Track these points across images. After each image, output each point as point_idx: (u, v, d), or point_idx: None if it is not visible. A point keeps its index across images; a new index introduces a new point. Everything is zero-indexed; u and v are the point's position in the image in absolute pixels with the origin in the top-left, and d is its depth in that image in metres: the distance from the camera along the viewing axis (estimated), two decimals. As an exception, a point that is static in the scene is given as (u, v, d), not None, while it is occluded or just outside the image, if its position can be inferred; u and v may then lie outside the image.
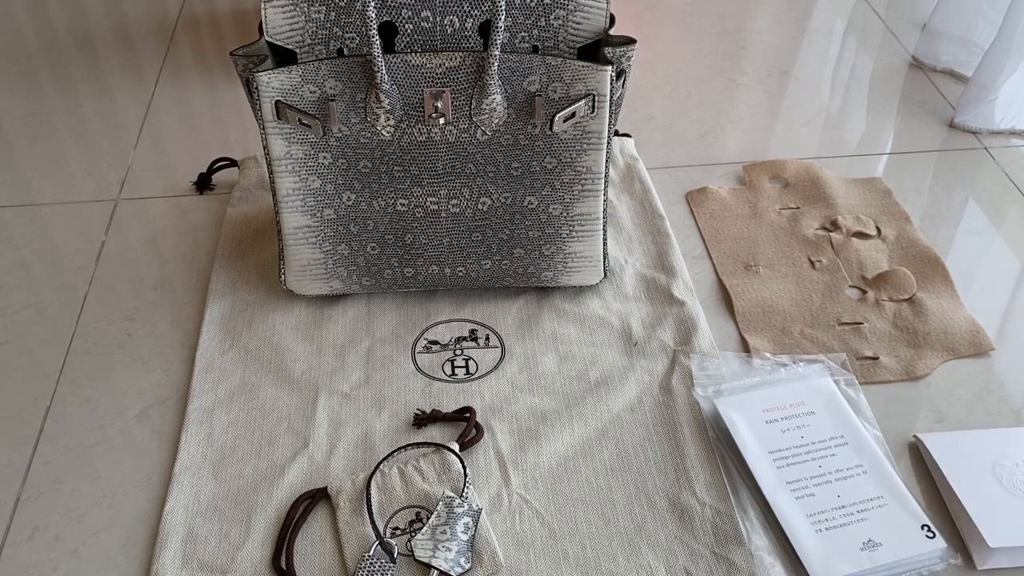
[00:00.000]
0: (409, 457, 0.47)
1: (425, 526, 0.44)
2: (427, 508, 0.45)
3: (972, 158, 0.76)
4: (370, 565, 0.42)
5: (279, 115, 0.52)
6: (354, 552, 0.45)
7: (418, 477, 0.46)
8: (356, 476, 0.47)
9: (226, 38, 0.91)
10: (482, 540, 0.45)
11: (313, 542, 0.46)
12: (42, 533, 0.48)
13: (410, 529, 0.45)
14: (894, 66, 0.87)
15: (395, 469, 0.47)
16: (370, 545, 0.44)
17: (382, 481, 0.47)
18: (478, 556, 0.45)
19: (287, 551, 0.43)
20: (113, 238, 0.67)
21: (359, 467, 0.49)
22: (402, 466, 0.47)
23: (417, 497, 0.46)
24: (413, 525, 0.45)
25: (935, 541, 0.46)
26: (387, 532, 0.41)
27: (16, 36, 0.91)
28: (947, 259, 0.65)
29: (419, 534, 0.44)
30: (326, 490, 0.46)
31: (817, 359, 0.57)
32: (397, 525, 0.44)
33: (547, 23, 0.52)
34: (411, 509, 0.45)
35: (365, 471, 0.47)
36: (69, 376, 0.57)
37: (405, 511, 0.45)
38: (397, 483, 0.47)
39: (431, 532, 0.44)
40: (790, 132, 0.79)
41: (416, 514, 0.44)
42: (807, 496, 0.48)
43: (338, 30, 0.52)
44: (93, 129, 0.79)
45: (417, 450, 0.47)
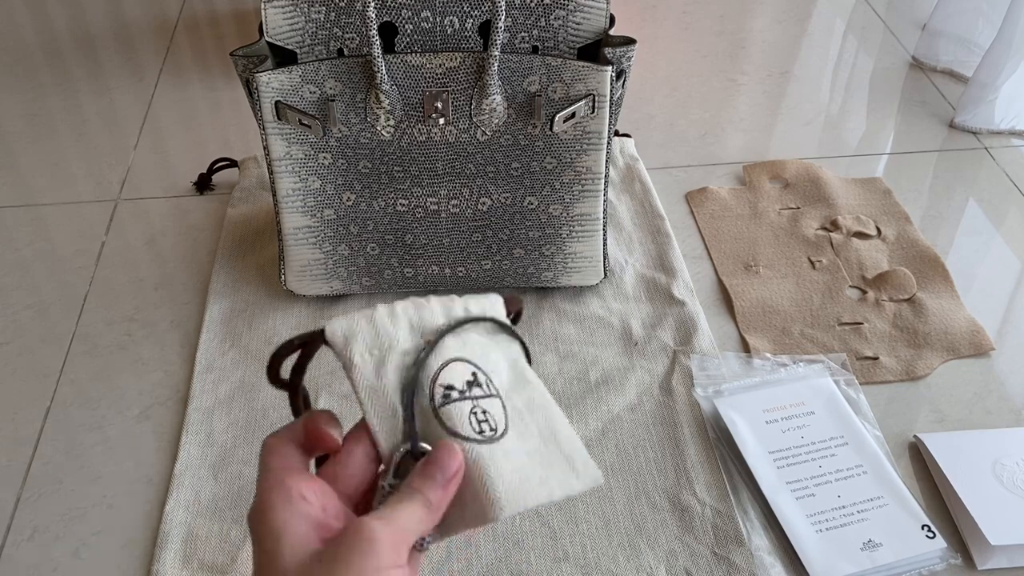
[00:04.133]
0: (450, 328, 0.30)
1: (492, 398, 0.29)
2: (483, 369, 0.30)
3: (972, 158, 0.76)
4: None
5: (279, 115, 0.52)
6: (387, 434, 0.28)
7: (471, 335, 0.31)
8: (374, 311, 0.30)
9: (226, 38, 0.91)
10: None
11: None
12: (42, 533, 0.48)
13: (469, 393, 0.28)
14: (894, 66, 0.87)
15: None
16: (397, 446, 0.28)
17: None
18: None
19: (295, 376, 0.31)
20: (113, 238, 0.67)
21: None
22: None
23: (472, 353, 0.30)
24: (472, 389, 0.29)
25: (935, 541, 0.46)
26: (437, 392, 0.28)
27: (16, 36, 0.91)
28: (947, 259, 0.65)
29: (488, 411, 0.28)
30: (323, 335, 0.29)
31: (817, 359, 0.57)
32: (450, 383, 0.28)
33: (547, 23, 0.52)
34: (464, 364, 0.29)
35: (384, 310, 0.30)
36: (69, 376, 0.57)
37: (459, 364, 0.29)
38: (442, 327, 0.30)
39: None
40: (790, 132, 0.79)
41: (473, 374, 0.29)
42: (807, 496, 0.48)
43: (338, 30, 0.52)
44: (93, 129, 0.79)
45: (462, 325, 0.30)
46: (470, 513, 0.27)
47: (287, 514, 0.25)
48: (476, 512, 0.26)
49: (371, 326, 0.28)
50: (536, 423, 0.29)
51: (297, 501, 0.25)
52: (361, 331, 0.28)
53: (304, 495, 0.25)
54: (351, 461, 0.27)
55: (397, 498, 0.26)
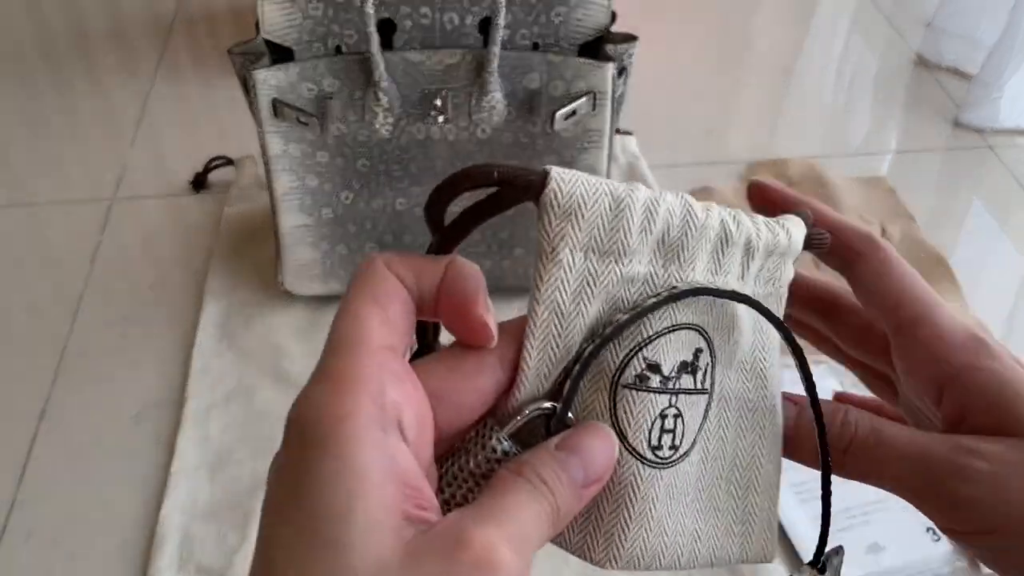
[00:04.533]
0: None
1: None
2: (714, 347, 0.20)
3: (977, 157, 0.75)
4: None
5: (276, 113, 0.51)
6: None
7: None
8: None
9: (223, 35, 0.90)
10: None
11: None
12: (38, 536, 0.47)
13: (675, 383, 0.19)
14: (898, 64, 0.87)
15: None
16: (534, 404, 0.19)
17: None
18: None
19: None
20: (109, 238, 0.67)
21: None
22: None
23: (715, 315, 0.20)
24: (682, 377, 0.19)
25: (940, 544, 0.46)
26: (635, 365, 0.19)
27: (10, 33, 0.91)
28: (952, 259, 0.64)
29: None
30: (543, 183, 0.19)
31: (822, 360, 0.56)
32: (657, 361, 0.19)
33: (548, 20, 0.52)
34: (694, 334, 0.19)
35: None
36: (64, 378, 0.56)
37: (686, 334, 0.19)
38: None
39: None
40: (794, 130, 0.79)
41: (696, 353, 0.19)
42: (812, 499, 0.48)
43: (336, 27, 0.51)
44: (88, 128, 0.79)
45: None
46: (568, 535, 0.19)
47: (374, 464, 0.14)
48: (577, 541, 0.19)
49: (612, 214, 0.18)
50: (736, 448, 0.20)
51: (393, 439, 0.15)
52: (596, 212, 0.18)
53: (404, 423, 0.15)
54: (479, 378, 0.17)
55: (513, 489, 0.16)
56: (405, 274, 0.17)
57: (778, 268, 0.21)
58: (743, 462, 0.21)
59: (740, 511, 0.21)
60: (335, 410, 0.14)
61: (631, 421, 0.19)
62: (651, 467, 0.19)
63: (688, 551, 0.20)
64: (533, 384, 0.18)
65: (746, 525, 0.21)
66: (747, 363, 0.21)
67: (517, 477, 0.16)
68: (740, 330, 0.20)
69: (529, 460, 0.17)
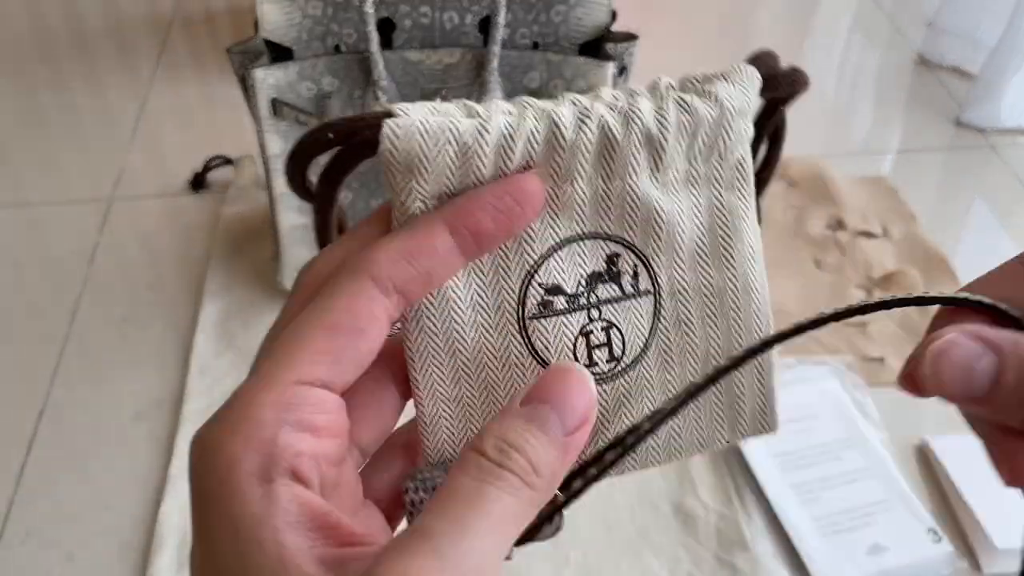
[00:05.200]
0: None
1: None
2: (637, 246, 0.18)
3: (979, 156, 0.75)
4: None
5: (275, 112, 0.51)
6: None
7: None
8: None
9: (222, 34, 0.90)
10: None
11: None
12: (36, 537, 0.47)
13: (586, 298, 0.18)
14: (900, 64, 0.86)
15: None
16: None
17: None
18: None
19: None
20: (107, 238, 0.67)
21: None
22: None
23: (638, 217, 0.18)
24: (596, 288, 0.18)
25: (942, 545, 0.45)
26: (531, 296, 0.18)
27: (8, 31, 0.90)
28: (954, 259, 0.64)
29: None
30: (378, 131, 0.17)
31: (823, 361, 0.56)
32: (555, 283, 0.18)
33: (548, 18, 0.51)
34: (600, 243, 0.18)
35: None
36: (63, 378, 0.56)
37: (585, 246, 0.18)
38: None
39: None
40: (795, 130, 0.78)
41: (610, 259, 0.18)
42: (812, 500, 0.48)
43: (335, 26, 0.51)
44: (87, 127, 0.78)
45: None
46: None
47: (263, 518, 0.13)
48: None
49: (460, 161, 0.16)
50: (707, 340, 0.18)
51: (284, 486, 0.14)
52: (441, 163, 0.16)
53: (301, 467, 0.14)
54: (381, 397, 0.17)
55: (471, 494, 0.14)
56: (401, 274, 0.16)
57: (717, 136, 0.18)
58: (720, 350, 0.19)
59: (725, 397, 0.20)
60: (221, 458, 0.14)
61: (550, 349, 0.18)
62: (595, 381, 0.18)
63: (666, 447, 0.19)
64: (433, 403, 0.17)
65: (734, 408, 0.20)
66: (704, 249, 0.19)
67: (477, 473, 0.14)
68: (667, 220, 0.18)
69: (492, 429, 0.15)
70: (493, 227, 0.17)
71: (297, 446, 0.15)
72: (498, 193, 0.17)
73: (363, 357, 0.16)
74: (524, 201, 0.17)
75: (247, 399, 0.15)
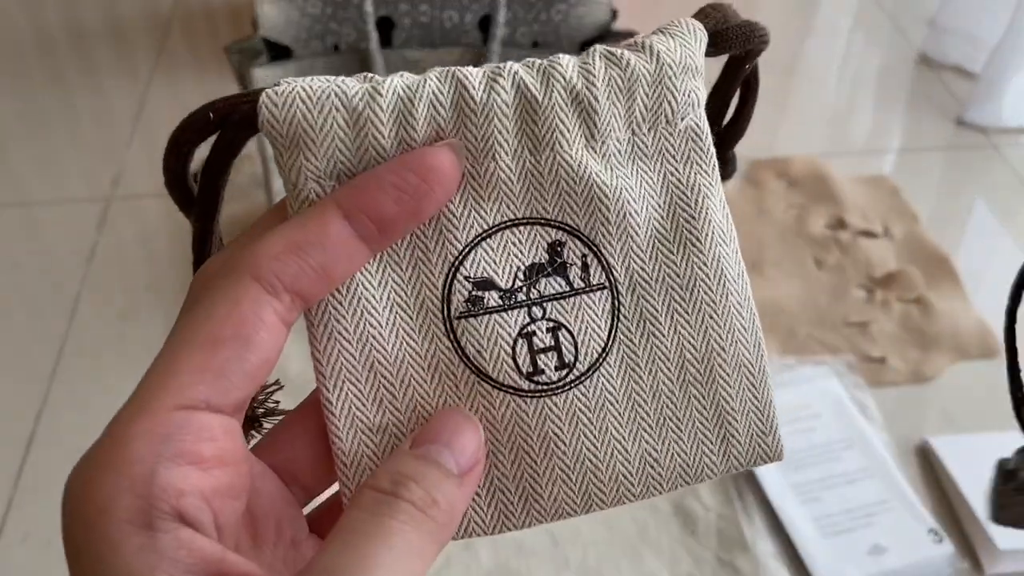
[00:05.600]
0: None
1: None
2: (584, 233, 0.16)
3: (980, 156, 0.75)
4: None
5: (274, 112, 0.51)
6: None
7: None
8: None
9: (221, 33, 0.90)
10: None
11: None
12: (35, 537, 0.47)
13: (525, 294, 0.16)
14: (901, 63, 0.86)
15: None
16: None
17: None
18: None
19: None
20: (106, 238, 0.66)
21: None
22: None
23: (579, 197, 0.16)
24: (537, 282, 0.16)
25: (943, 545, 0.45)
26: (457, 292, 0.16)
27: (8, 31, 0.90)
28: (955, 258, 0.64)
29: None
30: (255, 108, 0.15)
31: (823, 361, 0.56)
32: (484, 275, 0.16)
33: (548, 17, 0.51)
34: (536, 229, 0.16)
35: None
36: (62, 378, 0.56)
37: (518, 232, 0.16)
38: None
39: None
40: (796, 129, 0.78)
41: (553, 247, 0.16)
42: (813, 500, 0.47)
43: (335, 25, 0.51)
44: (86, 127, 0.78)
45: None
46: (480, 518, 0.15)
47: (141, 571, 0.12)
48: (492, 518, 0.15)
49: (353, 129, 0.15)
50: (679, 340, 0.16)
51: (166, 532, 0.12)
52: (329, 133, 0.14)
53: (187, 508, 0.12)
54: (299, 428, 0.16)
55: (357, 520, 0.13)
56: (289, 270, 0.14)
57: (660, 99, 0.16)
58: (696, 352, 0.16)
59: (710, 412, 0.16)
60: (91, 504, 0.12)
61: (484, 354, 0.15)
62: (535, 397, 0.15)
63: (642, 478, 0.16)
64: (353, 434, 0.15)
65: (723, 427, 0.16)
66: (666, 233, 0.16)
67: (374, 507, 0.13)
68: (614, 198, 0.15)
69: (385, 466, 0.14)
70: (396, 210, 0.14)
71: (179, 484, 0.13)
72: (399, 169, 0.14)
73: (255, 369, 0.14)
74: (431, 178, 0.14)
75: (118, 433, 0.13)
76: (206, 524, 0.13)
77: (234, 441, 0.14)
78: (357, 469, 0.15)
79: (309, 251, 0.14)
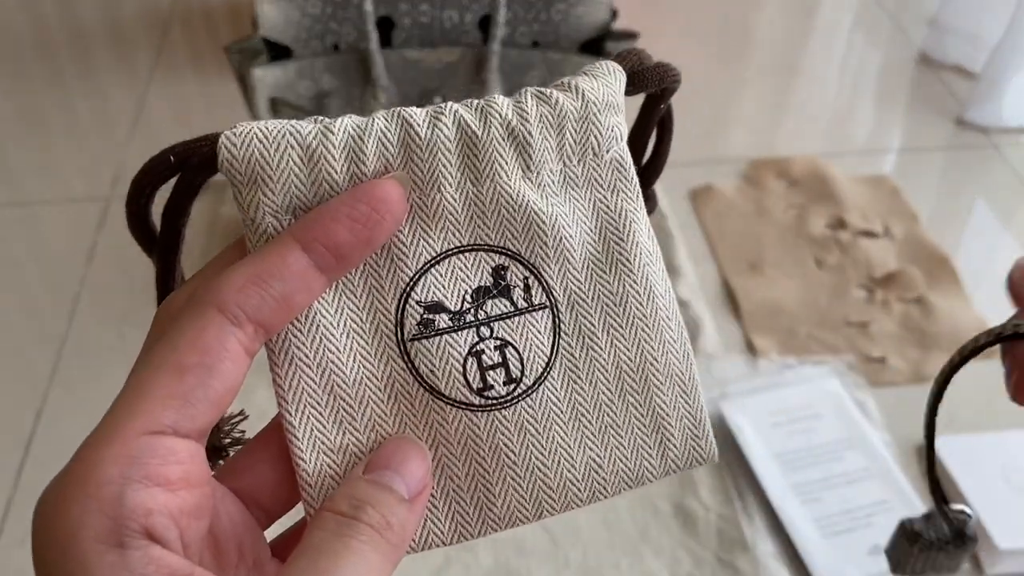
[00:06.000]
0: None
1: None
2: (523, 257, 0.18)
3: (981, 155, 0.75)
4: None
5: (274, 111, 0.51)
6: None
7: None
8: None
9: (220, 33, 0.90)
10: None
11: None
12: (34, 538, 0.47)
13: (473, 315, 0.17)
14: (902, 62, 0.86)
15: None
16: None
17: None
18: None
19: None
20: (106, 237, 0.66)
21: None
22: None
23: (519, 224, 0.17)
24: (484, 304, 0.17)
25: (944, 547, 0.45)
26: (409, 316, 0.17)
27: (8, 32, 0.90)
28: (955, 258, 0.64)
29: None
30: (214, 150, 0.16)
31: (823, 361, 0.56)
32: (435, 299, 0.17)
33: (548, 17, 0.51)
34: (481, 255, 0.17)
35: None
36: (61, 378, 0.56)
37: (465, 258, 0.17)
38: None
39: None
40: (796, 129, 0.78)
41: (497, 272, 0.17)
42: (813, 500, 0.47)
43: (334, 24, 0.51)
44: (85, 126, 0.78)
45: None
46: (437, 530, 0.16)
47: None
48: (449, 529, 0.17)
49: (307, 166, 0.16)
50: (615, 352, 0.17)
51: (136, 550, 0.13)
52: (285, 170, 0.16)
53: (157, 528, 0.13)
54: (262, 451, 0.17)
55: (321, 540, 0.14)
56: (251, 301, 0.15)
57: (586, 133, 0.17)
58: (631, 364, 0.18)
59: (647, 419, 0.18)
60: (62, 525, 0.13)
61: (437, 373, 0.17)
62: (486, 411, 0.17)
63: (588, 484, 0.17)
64: (315, 454, 0.16)
65: (660, 432, 0.18)
66: (599, 256, 0.18)
67: (336, 528, 0.14)
68: (550, 224, 0.17)
69: (340, 491, 0.15)
70: (350, 238, 0.15)
71: (148, 504, 0.13)
72: (351, 201, 0.15)
73: (219, 396, 0.15)
74: (381, 207, 0.15)
75: (88, 456, 0.14)
76: (173, 541, 0.14)
77: (199, 465, 0.15)
78: (320, 489, 0.16)
79: (270, 282, 0.15)
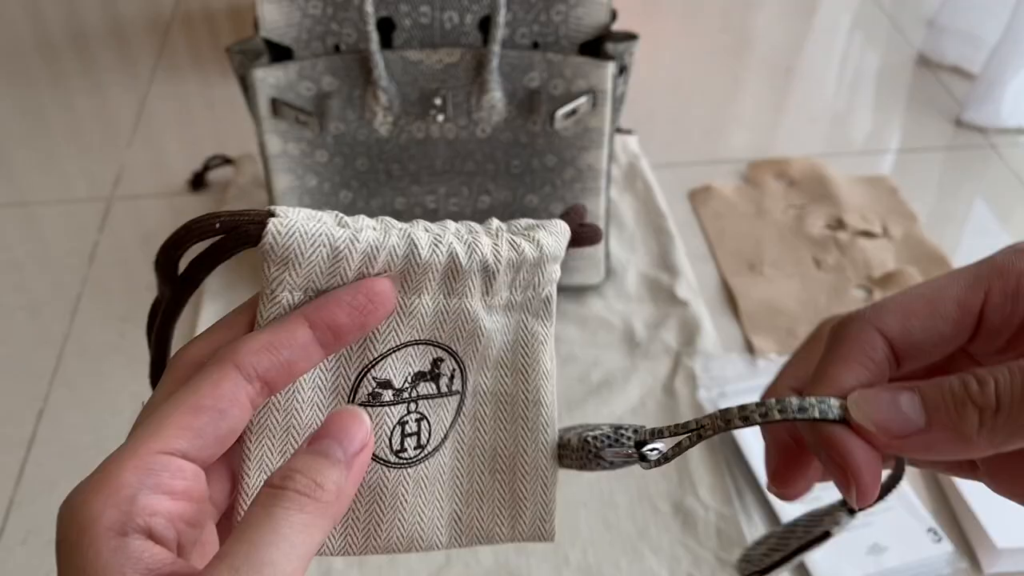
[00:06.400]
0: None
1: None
2: (459, 354, 0.22)
3: (979, 156, 0.75)
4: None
5: (275, 112, 0.51)
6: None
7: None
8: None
9: (221, 34, 0.90)
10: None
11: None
12: (36, 537, 0.47)
13: (411, 392, 0.21)
14: (900, 63, 0.86)
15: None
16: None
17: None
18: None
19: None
20: (107, 238, 0.66)
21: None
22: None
23: (465, 331, 0.21)
24: (418, 385, 0.21)
25: (942, 545, 0.45)
26: (364, 387, 0.20)
27: (8, 32, 0.90)
28: (954, 259, 0.64)
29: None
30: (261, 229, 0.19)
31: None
32: (387, 379, 0.21)
33: (548, 18, 0.51)
34: (428, 348, 0.21)
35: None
36: (63, 378, 0.56)
37: (416, 350, 0.21)
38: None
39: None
40: (795, 129, 0.78)
41: (435, 363, 0.21)
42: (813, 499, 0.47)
43: (335, 25, 0.51)
44: (86, 127, 0.78)
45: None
46: (330, 541, 0.21)
47: (113, 567, 0.15)
48: (339, 544, 0.21)
49: (330, 262, 0.19)
50: (496, 439, 0.22)
51: (136, 541, 0.16)
52: (314, 261, 0.19)
53: (154, 526, 0.16)
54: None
55: (250, 514, 0.16)
56: (263, 363, 0.18)
57: (534, 275, 0.22)
58: (506, 451, 0.22)
59: (507, 495, 0.22)
60: (84, 514, 0.16)
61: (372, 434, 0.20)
62: (396, 468, 0.21)
63: (448, 532, 0.22)
64: (259, 474, 0.20)
65: (515, 508, 0.22)
66: (506, 362, 0.22)
67: (265, 501, 0.17)
68: (486, 336, 0.21)
69: (283, 465, 0.18)
70: (348, 321, 0.19)
71: (154, 507, 0.17)
72: (353, 291, 0.19)
73: (224, 435, 0.18)
74: (376, 300, 0.19)
75: (113, 465, 0.17)
76: (169, 540, 0.17)
77: (200, 484, 0.18)
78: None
79: (280, 350, 0.19)
